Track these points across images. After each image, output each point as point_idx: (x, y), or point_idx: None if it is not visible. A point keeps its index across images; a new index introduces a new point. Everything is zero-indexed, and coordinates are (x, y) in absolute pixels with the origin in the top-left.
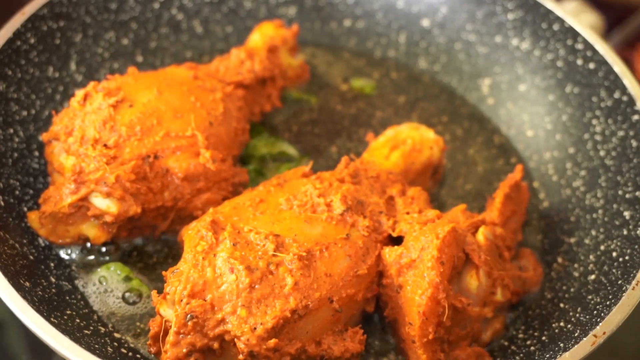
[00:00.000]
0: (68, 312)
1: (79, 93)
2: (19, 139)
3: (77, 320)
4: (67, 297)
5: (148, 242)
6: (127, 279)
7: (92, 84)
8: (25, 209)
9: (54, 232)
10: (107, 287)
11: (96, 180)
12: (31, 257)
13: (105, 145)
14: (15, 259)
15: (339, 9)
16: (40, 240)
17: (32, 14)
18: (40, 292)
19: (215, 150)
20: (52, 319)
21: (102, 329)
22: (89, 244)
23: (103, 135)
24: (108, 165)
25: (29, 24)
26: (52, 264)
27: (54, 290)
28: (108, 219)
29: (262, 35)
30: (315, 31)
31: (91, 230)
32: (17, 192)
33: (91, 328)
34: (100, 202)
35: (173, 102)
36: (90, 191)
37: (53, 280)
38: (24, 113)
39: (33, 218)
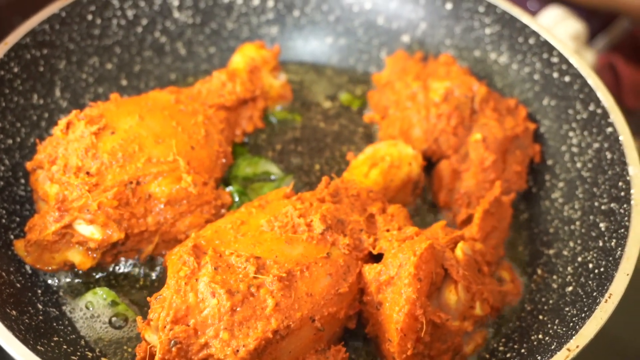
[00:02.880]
0: (55, 338)
1: (62, 122)
2: (5, 167)
3: (65, 347)
4: (55, 324)
5: (134, 266)
6: (114, 303)
7: (74, 112)
8: (12, 236)
9: (40, 259)
10: (94, 312)
11: (79, 207)
12: (18, 285)
13: (87, 173)
14: (2, 287)
15: (321, 27)
16: (27, 268)
17: (14, 43)
18: (27, 320)
19: (197, 174)
20: (38, 347)
21: (90, 354)
22: (77, 271)
23: (85, 163)
24: (90, 193)
25: (12, 53)
26: (39, 291)
27: (41, 317)
28: (92, 245)
29: (243, 56)
30: (297, 50)
31: (76, 257)
32: (3, 220)
33: (78, 354)
34: (83, 229)
35: (154, 127)
36: (74, 219)
37: (40, 307)
38: (9, 141)
39: (19, 246)
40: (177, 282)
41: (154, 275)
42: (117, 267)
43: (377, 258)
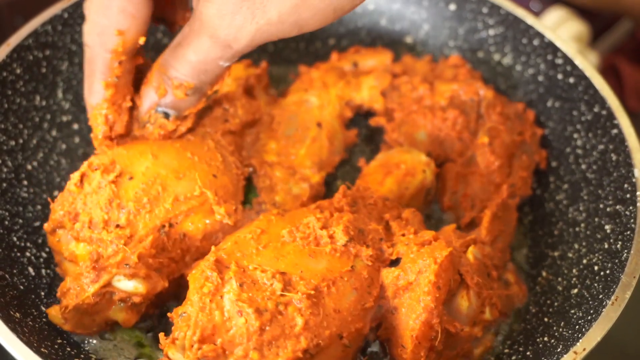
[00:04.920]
0: (59, 340)
1: (75, 175)
2: (7, 169)
3: (68, 349)
4: (58, 326)
5: None
6: None
7: (85, 164)
8: (14, 238)
9: (80, 324)
10: None
11: (117, 263)
12: (21, 287)
13: (118, 226)
14: (5, 290)
15: (323, 29)
16: (31, 270)
17: (17, 44)
18: (30, 322)
19: (225, 202)
20: (42, 349)
21: (93, 357)
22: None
23: (112, 215)
24: (127, 246)
25: (15, 55)
26: (42, 293)
27: (44, 319)
28: (136, 299)
29: (234, 78)
30: (300, 51)
31: (119, 315)
32: (6, 222)
33: (82, 356)
34: (125, 285)
35: (171, 163)
36: (113, 276)
37: (44, 309)
38: (12, 143)
39: (54, 314)
40: (201, 298)
41: None
42: None
43: (393, 261)
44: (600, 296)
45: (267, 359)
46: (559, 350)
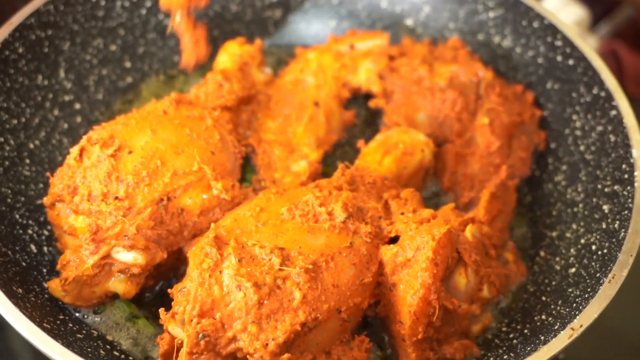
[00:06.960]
0: (61, 316)
1: (74, 149)
2: (10, 147)
3: (70, 325)
4: (60, 302)
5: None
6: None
7: (85, 138)
8: (17, 216)
9: (80, 296)
10: None
11: (116, 235)
12: (24, 264)
13: (116, 198)
14: (7, 266)
15: (324, 10)
16: (33, 247)
17: (19, 23)
18: (33, 298)
19: (223, 178)
20: (44, 325)
21: (95, 333)
22: None
23: (111, 188)
24: (125, 217)
25: (17, 34)
26: (44, 270)
27: (46, 295)
28: (135, 270)
29: (229, 55)
30: (300, 32)
31: (119, 286)
32: (9, 200)
33: (84, 332)
34: (124, 256)
35: (170, 139)
36: (112, 247)
37: (46, 286)
38: (14, 121)
39: (54, 287)
40: (201, 274)
41: None
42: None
43: (392, 239)
44: (598, 275)
45: (266, 333)
46: (556, 327)
